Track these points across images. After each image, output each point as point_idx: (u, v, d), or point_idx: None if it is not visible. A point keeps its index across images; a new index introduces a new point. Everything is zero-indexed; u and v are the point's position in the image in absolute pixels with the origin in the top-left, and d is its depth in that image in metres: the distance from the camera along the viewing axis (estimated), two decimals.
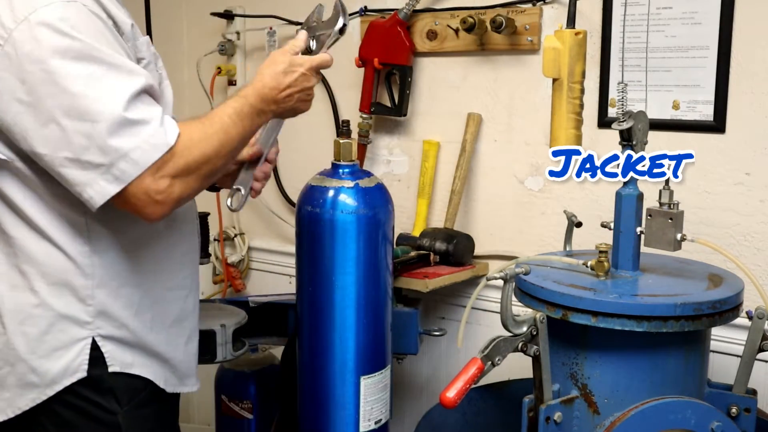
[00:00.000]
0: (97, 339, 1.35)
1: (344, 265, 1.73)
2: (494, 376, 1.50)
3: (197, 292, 1.56)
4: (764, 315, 1.42)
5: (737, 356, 1.49)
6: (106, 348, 1.35)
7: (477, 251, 2.16)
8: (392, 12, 2.21)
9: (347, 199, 1.72)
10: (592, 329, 1.39)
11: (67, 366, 1.33)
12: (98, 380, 1.35)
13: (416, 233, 2.19)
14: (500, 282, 1.41)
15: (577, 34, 1.52)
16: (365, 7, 2.31)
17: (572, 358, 1.45)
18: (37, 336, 1.32)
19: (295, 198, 2.07)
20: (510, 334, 1.40)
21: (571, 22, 1.54)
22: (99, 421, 1.36)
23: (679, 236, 1.50)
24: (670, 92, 1.90)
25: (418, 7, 2.19)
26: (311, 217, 1.75)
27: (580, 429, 1.44)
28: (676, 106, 1.90)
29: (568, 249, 1.75)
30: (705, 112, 1.86)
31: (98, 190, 1.22)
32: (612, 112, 1.97)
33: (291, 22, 2.46)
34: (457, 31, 2.15)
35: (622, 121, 1.49)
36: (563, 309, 1.41)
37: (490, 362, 1.38)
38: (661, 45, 1.89)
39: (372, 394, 1.79)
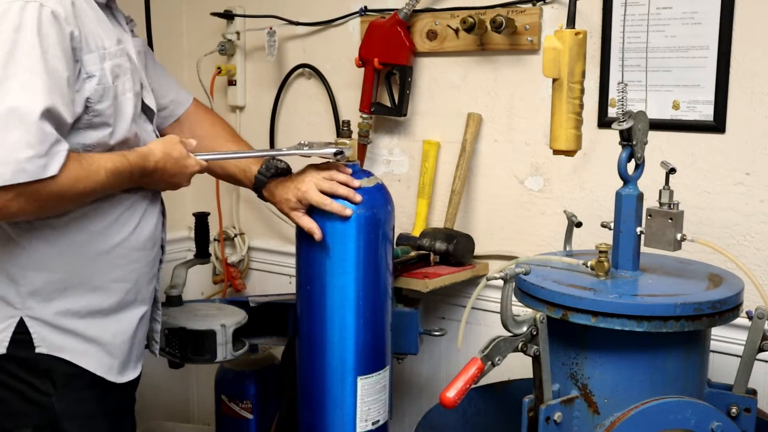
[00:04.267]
0: (25, 319, 1.38)
1: (343, 265, 1.73)
2: (494, 376, 1.50)
3: (153, 284, 1.59)
4: (764, 315, 1.42)
5: (737, 356, 1.49)
6: (35, 329, 1.38)
7: (477, 251, 2.16)
8: (392, 12, 2.21)
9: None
10: (592, 329, 1.39)
11: None
12: (32, 361, 1.38)
13: (416, 233, 2.19)
14: (500, 282, 1.41)
15: (577, 34, 1.52)
16: (365, 7, 2.31)
17: (572, 358, 1.45)
18: None
19: None
20: (510, 334, 1.40)
21: (571, 22, 1.54)
22: (32, 401, 1.40)
23: (679, 236, 1.50)
24: (670, 92, 1.90)
25: (418, 7, 2.19)
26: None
27: (580, 429, 1.44)
28: (676, 106, 1.90)
29: (568, 249, 1.75)
30: (705, 112, 1.86)
31: None
32: (612, 112, 1.97)
33: (291, 22, 2.46)
34: (457, 31, 2.15)
35: (622, 121, 1.49)
36: (563, 309, 1.41)
37: (490, 362, 1.38)
38: (661, 45, 1.89)
39: (369, 394, 1.79)
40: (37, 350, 1.39)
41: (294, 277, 1.86)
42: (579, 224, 1.76)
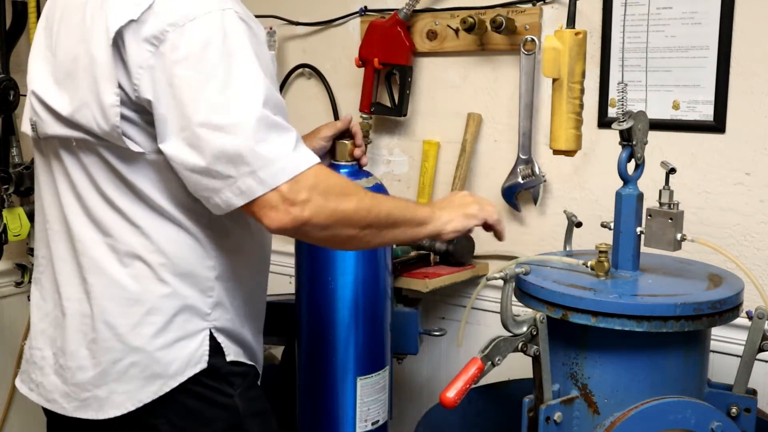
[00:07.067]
0: (213, 330, 1.36)
1: (343, 265, 1.73)
2: (494, 376, 1.50)
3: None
4: (764, 315, 1.42)
5: (737, 356, 1.49)
6: (221, 338, 1.37)
7: (477, 251, 2.16)
8: (392, 12, 2.21)
9: None
10: (592, 329, 1.39)
11: (191, 357, 1.33)
12: (216, 369, 1.36)
13: None
14: (500, 282, 1.40)
15: (577, 34, 1.52)
16: (365, 7, 2.31)
17: (572, 358, 1.45)
18: (162, 326, 1.32)
19: None
20: (510, 334, 1.40)
21: (571, 22, 1.54)
22: (219, 405, 1.37)
23: (679, 236, 1.50)
24: (670, 92, 1.90)
25: (418, 7, 2.19)
26: None
27: (580, 429, 1.44)
28: (676, 106, 1.90)
29: (568, 249, 1.75)
30: (705, 112, 1.86)
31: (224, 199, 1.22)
32: (612, 112, 1.97)
33: (291, 22, 2.46)
34: (457, 31, 2.15)
35: (622, 121, 1.49)
36: (563, 309, 1.41)
37: (490, 362, 1.37)
38: (661, 45, 1.89)
39: (369, 395, 1.79)
40: (228, 359, 1.38)
41: (294, 277, 1.86)
42: (579, 224, 1.76)
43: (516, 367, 1.66)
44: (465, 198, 1.52)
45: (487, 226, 1.54)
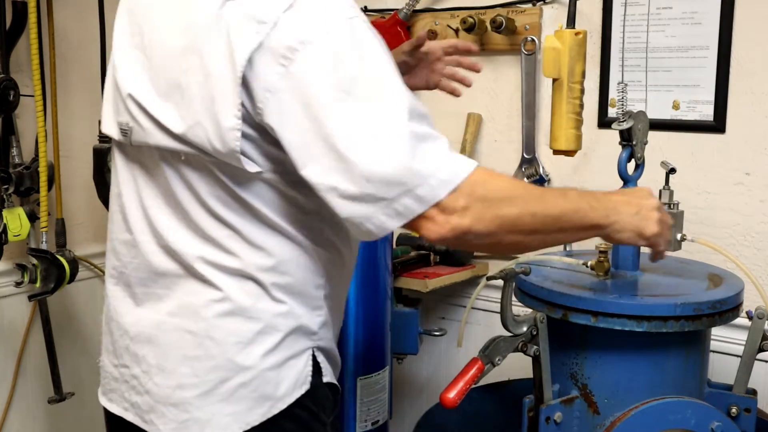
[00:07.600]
0: (314, 350, 1.28)
1: None
2: (494, 376, 1.50)
3: None
4: (764, 315, 1.42)
5: (737, 356, 1.49)
6: (321, 358, 1.29)
7: (477, 251, 2.16)
8: (392, 12, 2.21)
9: None
10: (592, 329, 1.39)
11: (298, 377, 1.24)
12: (315, 391, 1.28)
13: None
14: (500, 282, 1.40)
15: (577, 34, 1.52)
16: (365, 7, 2.31)
17: (572, 358, 1.45)
18: (274, 345, 1.23)
19: None
20: (510, 334, 1.40)
21: (571, 22, 1.55)
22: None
23: (679, 236, 1.50)
24: (670, 92, 1.90)
25: (418, 7, 2.19)
26: None
27: (580, 429, 1.44)
28: (676, 106, 1.90)
29: (568, 249, 1.75)
30: (705, 112, 1.86)
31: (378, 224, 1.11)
32: (612, 112, 1.97)
33: None
34: (457, 31, 2.15)
35: (622, 121, 1.49)
36: (563, 309, 1.41)
37: (490, 362, 1.37)
38: (661, 45, 1.90)
39: (369, 395, 1.79)
40: (324, 380, 1.29)
41: None
42: None
43: (516, 367, 1.66)
44: (648, 201, 1.30)
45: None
